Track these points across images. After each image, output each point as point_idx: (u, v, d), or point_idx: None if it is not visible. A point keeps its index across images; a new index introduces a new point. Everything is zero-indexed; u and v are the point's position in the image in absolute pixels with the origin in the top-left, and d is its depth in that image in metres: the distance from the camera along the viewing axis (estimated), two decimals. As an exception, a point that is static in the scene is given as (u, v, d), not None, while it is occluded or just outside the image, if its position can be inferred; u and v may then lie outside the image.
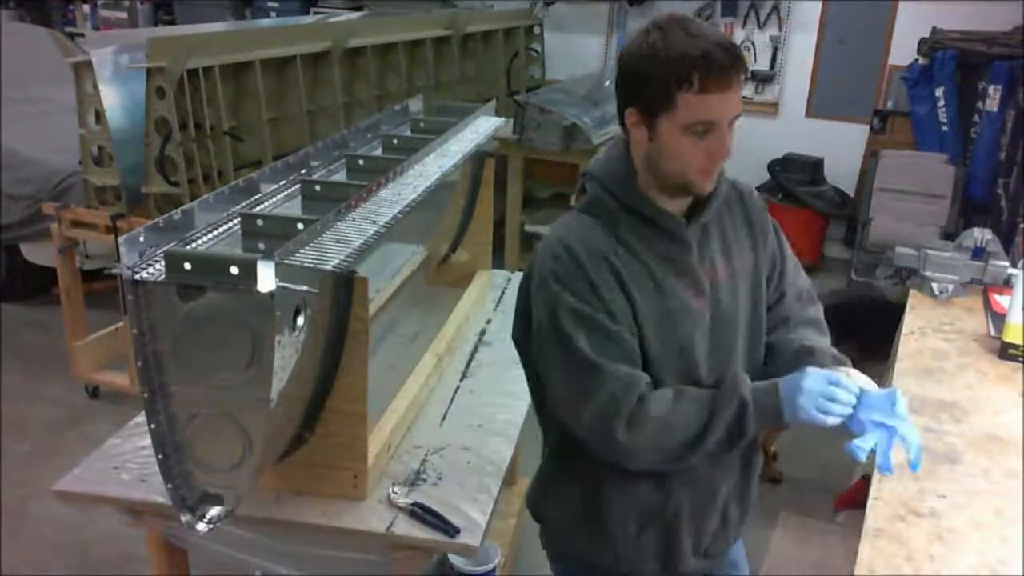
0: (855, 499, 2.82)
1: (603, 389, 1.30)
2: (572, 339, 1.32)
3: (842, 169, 5.48)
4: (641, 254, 1.36)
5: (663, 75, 1.25)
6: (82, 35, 5.97)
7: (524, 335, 1.49)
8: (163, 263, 1.30)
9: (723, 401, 1.32)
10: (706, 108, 1.25)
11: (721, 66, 1.23)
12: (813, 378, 1.30)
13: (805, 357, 1.43)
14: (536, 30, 5.97)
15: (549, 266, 1.36)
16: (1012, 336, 2.21)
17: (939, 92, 5.12)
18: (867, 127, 5.45)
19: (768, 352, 1.49)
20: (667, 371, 1.36)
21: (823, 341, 1.49)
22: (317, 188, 1.75)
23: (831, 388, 1.29)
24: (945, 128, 5.17)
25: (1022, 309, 2.17)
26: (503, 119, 2.67)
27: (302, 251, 1.41)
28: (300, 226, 1.46)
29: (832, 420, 1.30)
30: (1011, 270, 2.58)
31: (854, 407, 1.31)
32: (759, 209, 1.50)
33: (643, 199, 1.37)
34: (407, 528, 1.55)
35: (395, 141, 2.16)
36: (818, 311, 1.56)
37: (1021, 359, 2.19)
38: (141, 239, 1.35)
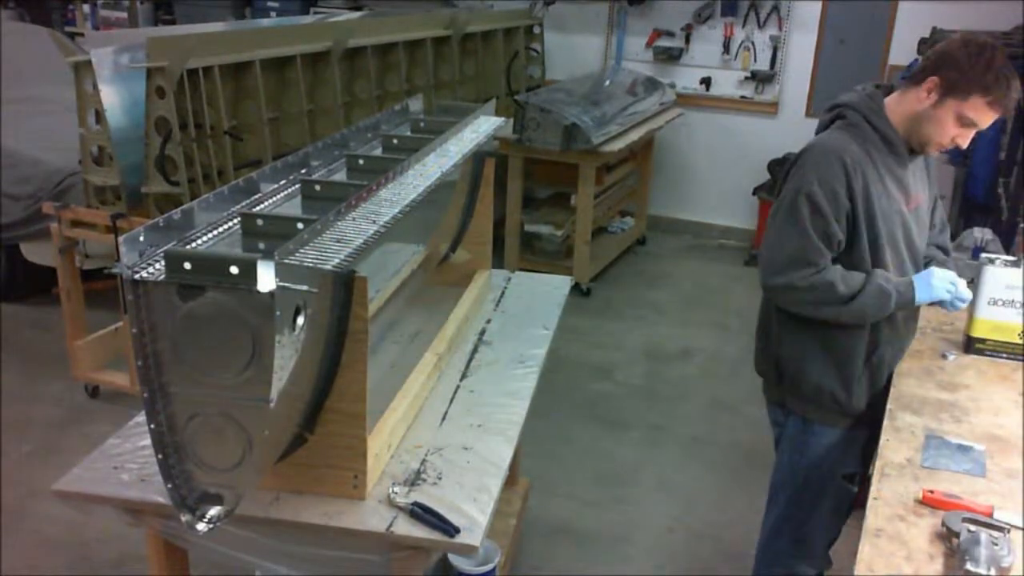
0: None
1: (803, 249, 1.89)
2: (801, 217, 1.89)
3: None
4: (879, 166, 1.92)
5: (979, 78, 1.78)
6: (82, 35, 5.98)
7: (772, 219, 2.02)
8: (163, 263, 1.30)
9: (874, 278, 1.91)
10: (981, 117, 1.83)
11: (1009, 105, 1.82)
12: (939, 273, 1.98)
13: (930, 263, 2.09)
14: (536, 30, 5.97)
15: (814, 159, 1.91)
16: (978, 331, 2.22)
17: (939, 92, 5.11)
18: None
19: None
20: (880, 253, 1.94)
21: (943, 256, 2.18)
22: (317, 188, 1.75)
23: (950, 278, 1.98)
24: (945, 128, 5.16)
25: (987, 303, 2.18)
26: (503, 119, 2.66)
27: (302, 251, 1.41)
28: (300, 226, 1.46)
29: (947, 296, 1.97)
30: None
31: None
32: (932, 167, 2.13)
33: (891, 128, 1.92)
34: (407, 528, 1.55)
35: (395, 141, 2.16)
36: (947, 238, 2.25)
37: (988, 353, 2.21)
38: (141, 239, 1.35)
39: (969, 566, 1.39)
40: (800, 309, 1.98)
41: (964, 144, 1.90)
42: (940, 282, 1.96)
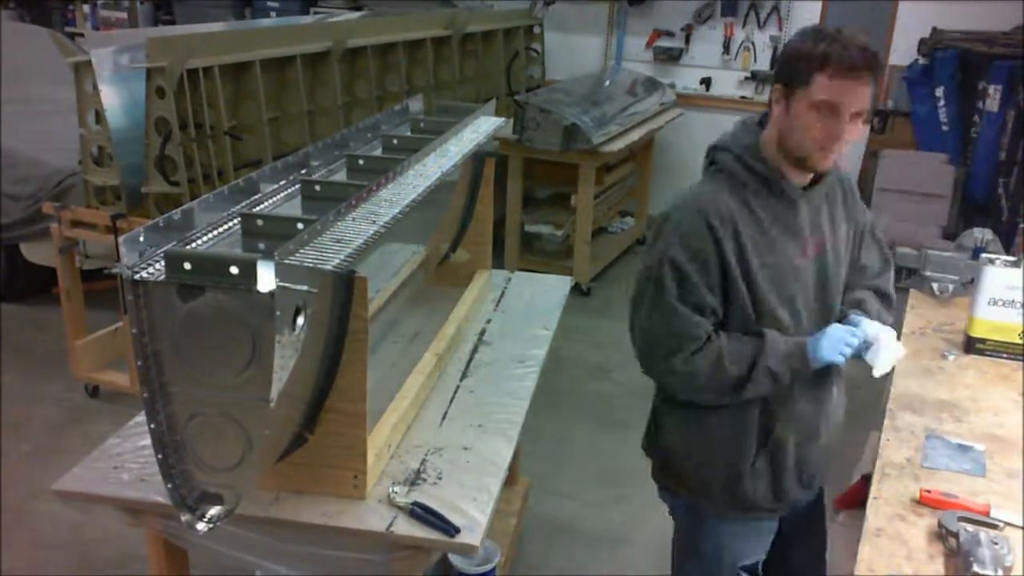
0: (855, 499, 2.82)
1: (676, 327, 1.62)
2: (664, 284, 1.61)
3: (842, 168, 5.47)
4: (758, 212, 1.63)
5: (808, 57, 1.52)
6: (82, 35, 5.97)
7: None
8: (163, 263, 1.30)
9: (769, 349, 1.61)
10: (833, 92, 1.50)
11: (853, 62, 1.49)
12: (832, 332, 1.66)
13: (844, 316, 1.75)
14: (536, 30, 5.97)
15: (676, 218, 1.64)
16: (978, 331, 2.22)
17: (939, 92, 5.12)
18: (867, 127, 5.45)
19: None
20: (772, 316, 1.64)
21: (875, 304, 1.80)
22: (317, 188, 1.75)
23: (847, 335, 1.65)
24: (945, 128, 5.17)
25: (987, 303, 2.18)
26: (503, 119, 2.66)
27: (302, 251, 1.41)
28: (300, 226, 1.46)
29: (840, 360, 1.66)
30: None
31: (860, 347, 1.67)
32: (855, 192, 1.82)
33: (768, 165, 1.63)
34: (407, 528, 1.55)
35: (395, 141, 2.16)
36: (888, 280, 1.88)
37: (988, 353, 2.21)
38: (141, 239, 1.35)
39: (976, 568, 1.39)
40: (686, 396, 1.71)
41: (847, 134, 1.54)
42: (832, 343, 1.63)
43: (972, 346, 2.24)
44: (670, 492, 1.88)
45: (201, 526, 1.42)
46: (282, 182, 1.78)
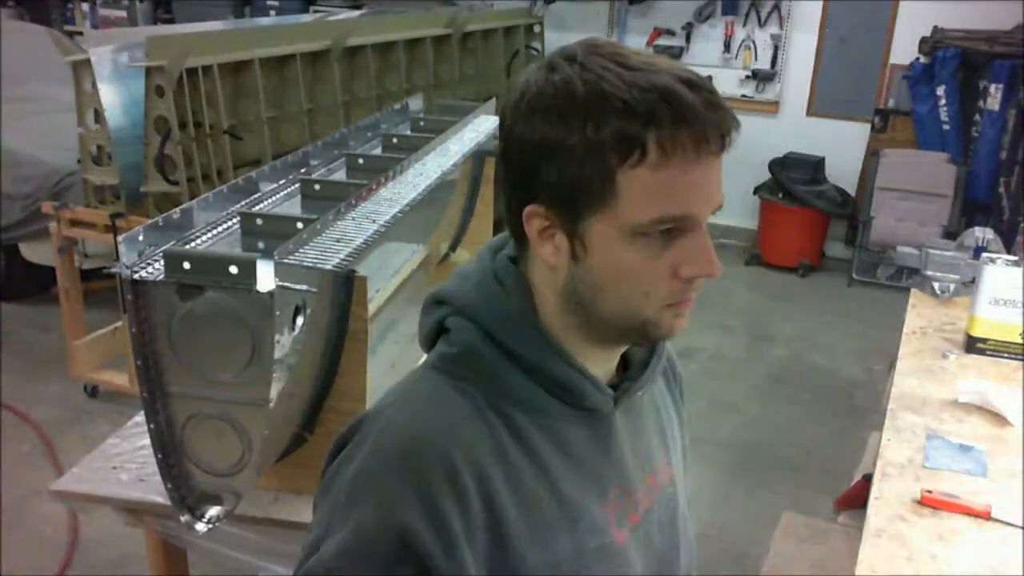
0: (856, 499, 2.81)
1: None
2: None
3: (843, 168, 5.48)
4: (539, 450, 0.80)
5: (594, 140, 0.71)
6: (81, 34, 5.96)
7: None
8: (162, 262, 1.29)
9: None
10: (674, 190, 0.72)
11: (696, 115, 0.71)
12: None
13: None
14: (536, 28, 5.97)
15: (358, 465, 0.79)
16: (978, 330, 2.22)
17: (940, 91, 5.12)
18: (868, 126, 5.45)
19: None
20: None
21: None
22: (317, 187, 1.75)
23: None
24: (946, 127, 5.17)
25: (987, 303, 2.18)
26: (503, 118, 2.66)
27: (302, 250, 1.40)
28: (300, 225, 1.46)
29: None
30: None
31: None
32: (676, 372, 1.03)
33: (556, 354, 0.81)
34: (407, 528, 1.55)
35: (395, 140, 2.15)
36: None
37: (989, 353, 2.20)
38: (140, 238, 1.35)
39: None
40: None
41: (711, 261, 0.77)
42: None
43: (973, 346, 2.23)
44: None
45: (200, 526, 1.42)
46: (281, 181, 1.78)
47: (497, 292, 0.83)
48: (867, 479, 2.15)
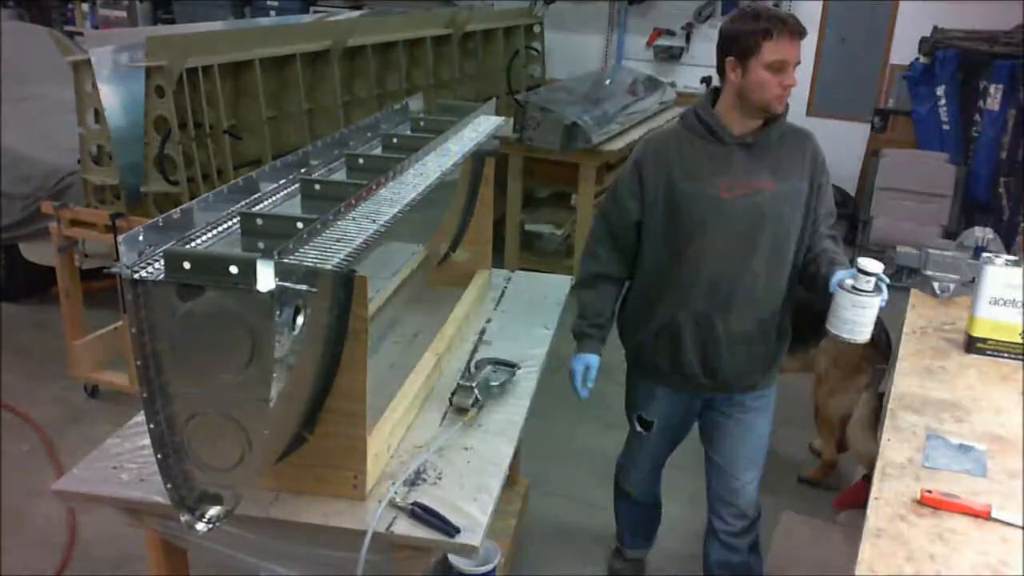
0: (856, 499, 2.81)
1: (590, 246, 2.22)
2: (617, 184, 2.16)
3: (843, 168, 5.48)
4: (701, 152, 2.03)
5: (754, 31, 1.92)
6: (81, 34, 5.97)
7: None
8: (162, 262, 1.29)
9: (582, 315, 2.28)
10: (780, 52, 1.92)
11: (790, 28, 1.94)
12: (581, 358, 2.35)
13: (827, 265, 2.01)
14: (536, 29, 5.97)
15: (640, 141, 2.19)
16: (979, 330, 2.22)
17: (940, 91, 5.12)
18: (868, 126, 5.46)
19: (808, 256, 2.09)
20: (684, 235, 2.04)
21: (836, 250, 2.08)
22: (317, 187, 1.74)
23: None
24: (946, 127, 5.17)
25: (988, 302, 2.18)
26: (503, 118, 2.66)
27: (302, 250, 1.40)
28: (300, 225, 1.46)
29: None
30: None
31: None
32: (816, 151, 2.10)
33: (712, 116, 2.03)
34: (407, 528, 1.55)
35: (395, 140, 2.15)
36: (835, 228, 2.18)
37: (989, 352, 2.20)
38: (140, 238, 1.35)
39: None
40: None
41: (792, 80, 1.96)
42: (576, 364, 2.31)
43: (973, 345, 2.24)
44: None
45: (200, 526, 1.42)
46: (282, 181, 1.78)
47: (701, 97, 2.12)
48: (867, 479, 2.15)
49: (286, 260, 1.33)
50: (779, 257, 2.05)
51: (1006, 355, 2.20)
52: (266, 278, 1.25)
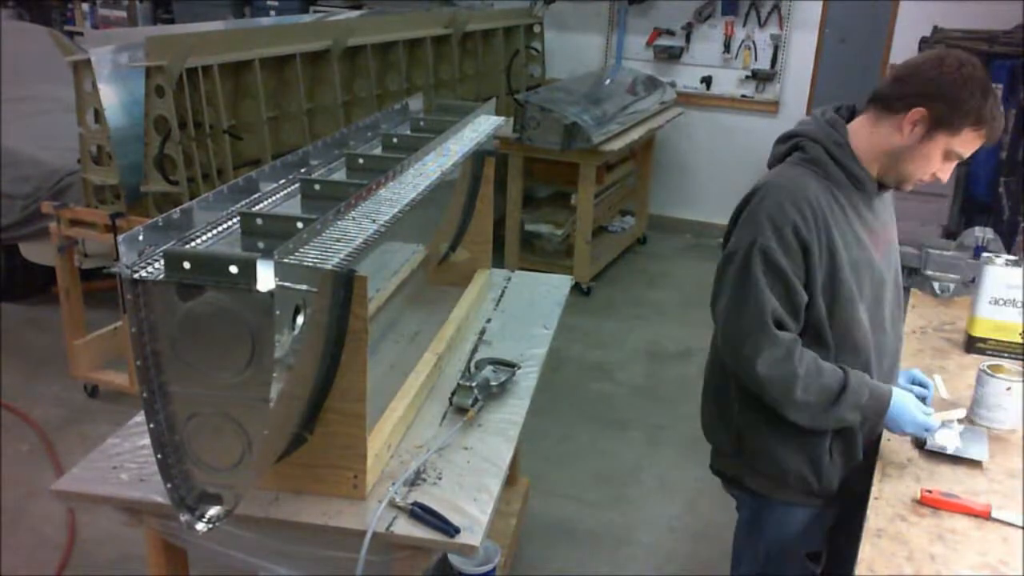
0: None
1: (762, 328, 1.60)
2: (754, 274, 1.60)
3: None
4: (845, 206, 1.66)
5: (973, 111, 1.55)
6: (81, 34, 5.97)
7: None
8: (162, 262, 1.29)
9: (850, 394, 1.63)
10: (969, 149, 1.61)
11: (999, 132, 1.60)
12: (911, 404, 1.69)
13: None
14: (536, 28, 5.97)
15: (762, 206, 1.62)
16: (979, 330, 2.21)
17: (940, 91, 5.11)
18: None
19: None
20: (846, 310, 1.66)
21: None
22: (317, 187, 1.74)
23: (924, 418, 1.70)
24: (946, 127, 5.16)
25: (988, 302, 2.17)
26: (503, 118, 2.66)
27: (302, 250, 1.40)
28: (300, 225, 1.46)
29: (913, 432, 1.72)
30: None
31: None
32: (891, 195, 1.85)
33: (860, 166, 1.67)
34: (407, 528, 1.55)
35: (395, 140, 2.15)
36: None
37: (989, 352, 2.20)
38: (140, 238, 1.35)
39: None
40: (762, 395, 1.69)
41: (945, 178, 1.67)
42: (912, 416, 1.69)
43: (973, 345, 2.23)
44: (736, 482, 1.90)
45: (200, 526, 1.41)
46: (281, 181, 1.77)
47: (828, 130, 1.69)
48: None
49: (286, 260, 1.33)
50: (896, 312, 1.82)
51: (1006, 355, 2.20)
52: (266, 278, 1.25)
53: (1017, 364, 1.95)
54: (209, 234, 1.49)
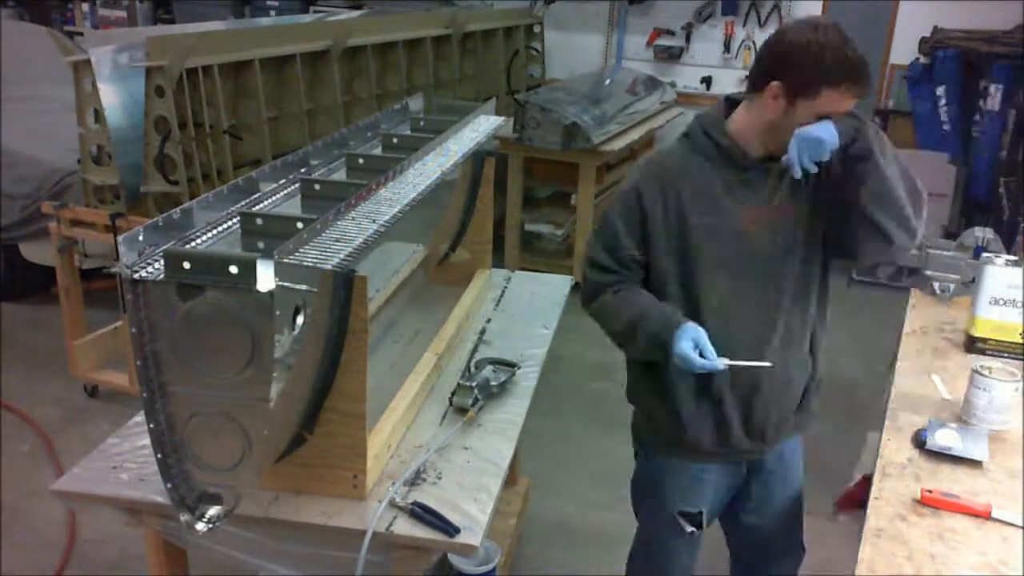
0: (856, 499, 2.82)
1: (593, 274, 1.80)
2: (610, 216, 1.78)
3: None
4: (713, 179, 1.71)
5: (820, 72, 1.56)
6: (81, 34, 5.97)
7: None
8: (162, 262, 1.29)
9: (647, 313, 1.73)
10: (840, 105, 1.59)
11: (861, 81, 1.58)
12: (697, 337, 1.66)
13: None
14: (536, 29, 5.97)
15: (638, 164, 1.83)
16: (979, 330, 2.21)
17: (940, 91, 5.12)
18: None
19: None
20: (700, 271, 1.72)
21: None
22: (317, 187, 1.74)
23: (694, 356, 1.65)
24: (946, 127, 5.17)
25: (988, 302, 2.18)
26: (503, 118, 2.66)
27: (302, 250, 1.40)
28: (299, 225, 1.46)
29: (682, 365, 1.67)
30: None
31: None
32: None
33: (728, 137, 1.71)
34: (407, 528, 1.55)
35: (395, 140, 2.15)
36: None
37: (989, 352, 2.20)
38: (140, 238, 1.35)
39: None
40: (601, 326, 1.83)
41: None
42: (683, 343, 1.65)
43: (973, 345, 2.23)
44: (634, 439, 2.00)
45: (200, 526, 1.41)
46: (281, 181, 1.77)
47: (711, 111, 1.78)
48: (867, 479, 2.15)
49: (286, 260, 1.33)
50: (801, 292, 1.77)
51: (1006, 355, 2.20)
52: (266, 278, 1.25)
53: (1013, 364, 1.94)
54: (209, 234, 1.49)
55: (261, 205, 1.68)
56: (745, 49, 5.71)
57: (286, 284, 1.29)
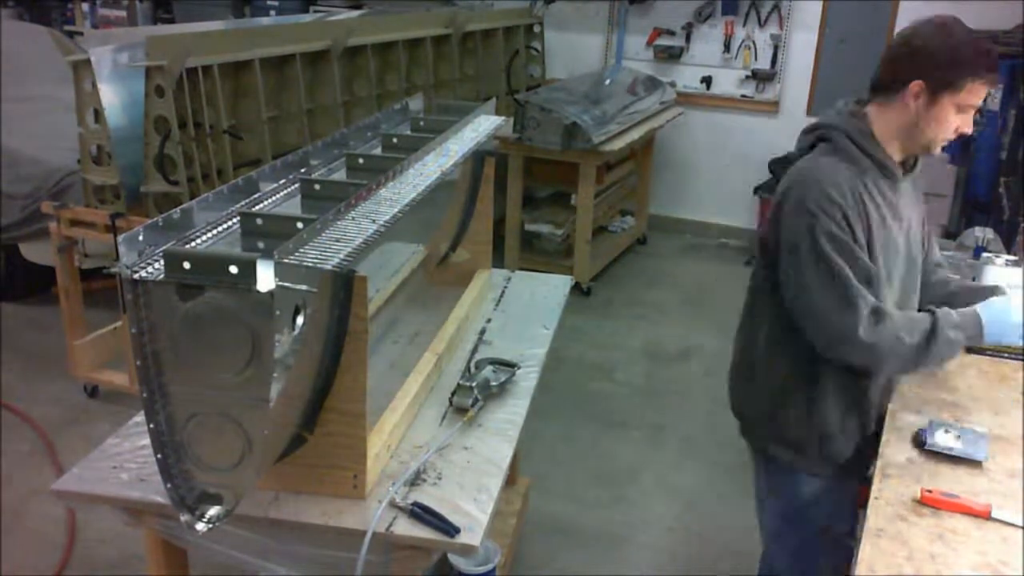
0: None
1: (852, 299, 1.68)
2: (830, 259, 1.68)
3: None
4: (873, 191, 1.75)
5: (963, 66, 1.64)
6: (81, 34, 5.96)
7: (763, 255, 1.86)
8: (162, 262, 1.29)
9: (943, 319, 1.73)
10: (978, 96, 1.68)
11: (997, 71, 1.70)
12: (1007, 305, 1.79)
13: (966, 294, 1.96)
14: (536, 28, 5.97)
15: (807, 195, 1.71)
16: None
17: (940, 91, 5.11)
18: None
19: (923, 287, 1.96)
20: (880, 288, 1.75)
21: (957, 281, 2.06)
22: (317, 187, 1.74)
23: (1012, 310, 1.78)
24: (946, 127, 5.15)
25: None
26: (503, 118, 2.66)
27: (302, 250, 1.40)
28: (299, 225, 1.46)
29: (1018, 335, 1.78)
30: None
31: None
32: (920, 183, 1.94)
33: (882, 150, 1.76)
34: (407, 528, 1.55)
35: (395, 140, 2.15)
36: (938, 252, 2.11)
37: (989, 352, 2.20)
38: (140, 238, 1.35)
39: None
40: (867, 366, 1.79)
41: (969, 129, 1.74)
42: (1003, 321, 1.78)
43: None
44: (764, 451, 1.99)
45: (200, 526, 1.41)
46: (281, 181, 1.77)
47: (852, 120, 1.78)
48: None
49: (286, 260, 1.33)
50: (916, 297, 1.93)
51: (1006, 355, 2.19)
52: (266, 278, 1.25)
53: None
54: (209, 234, 1.49)
55: (261, 205, 1.68)
56: (745, 49, 5.71)
57: (286, 284, 1.29)
